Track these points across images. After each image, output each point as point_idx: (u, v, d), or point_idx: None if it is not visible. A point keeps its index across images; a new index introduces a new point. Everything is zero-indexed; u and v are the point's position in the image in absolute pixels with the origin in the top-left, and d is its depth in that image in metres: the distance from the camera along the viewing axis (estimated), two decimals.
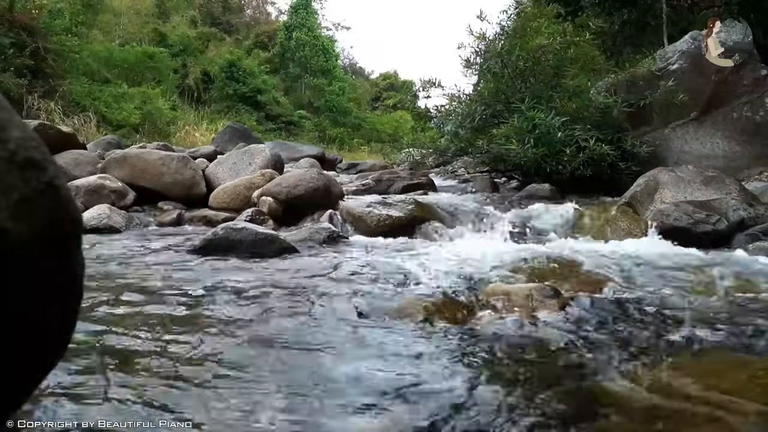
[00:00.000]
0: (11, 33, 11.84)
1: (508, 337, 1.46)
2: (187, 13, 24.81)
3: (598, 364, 1.27)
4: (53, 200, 0.63)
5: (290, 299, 1.79)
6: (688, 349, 1.41)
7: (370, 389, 1.09)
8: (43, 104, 11.67)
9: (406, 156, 7.80)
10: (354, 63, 34.14)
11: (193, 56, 21.52)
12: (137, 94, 15.25)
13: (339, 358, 1.27)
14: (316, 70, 24.74)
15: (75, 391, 1.02)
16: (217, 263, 2.47)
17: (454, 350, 1.34)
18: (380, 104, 30.07)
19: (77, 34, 14.60)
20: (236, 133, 10.76)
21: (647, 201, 3.59)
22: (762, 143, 5.29)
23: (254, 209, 3.95)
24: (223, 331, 1.45)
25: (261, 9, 30.64)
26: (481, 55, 6.72)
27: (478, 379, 1.17)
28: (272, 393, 1.06)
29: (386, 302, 1.72)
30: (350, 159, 12.72)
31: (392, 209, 3.77)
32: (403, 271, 2.28)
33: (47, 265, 0.63)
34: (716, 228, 3.21)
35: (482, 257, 2.56)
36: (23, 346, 0.64)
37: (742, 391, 1.09)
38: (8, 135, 0.60)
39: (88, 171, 4.89)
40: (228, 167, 5.21)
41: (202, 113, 18.49)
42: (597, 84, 5.91)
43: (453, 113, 6.89)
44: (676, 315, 1.71)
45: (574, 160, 5.04)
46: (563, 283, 1.98)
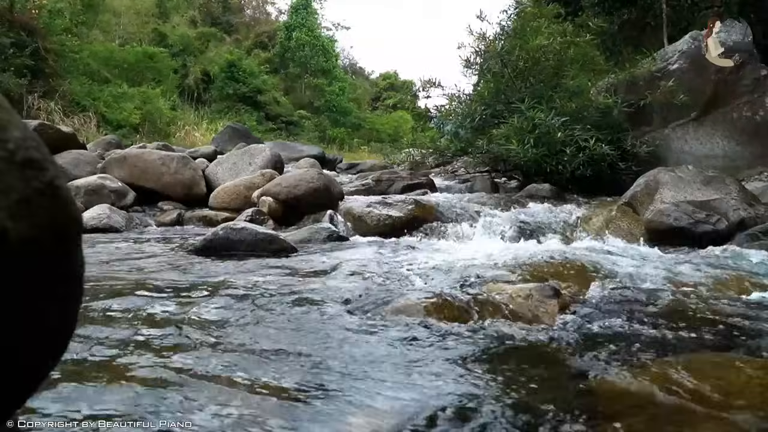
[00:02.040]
0: (11, 33, 11.85)
1: (508, 336, 1.46)
2: (187, 13, 24.80)
3: (598, 363, 1.27)
4: (53, 200, 0.63)
5: (290, 299, 1.79)
6: (688, 349, 1.41)
7: (368, 389, 1.09)
8: (43, 104, 11.68)
9: (406, 156, 7.80)
10: (354, 63, 34.13)
11: (193, 56, 21.53)
12: (137, 94, 15.25)
13: (339, 358, 1.27)
14: (316, 70, 24.74)
15: (75, 391, 1.02)
16: (217, 263, 2.47)
17: (453, 350, 1.34)
18: (380, 104, 30.06)
19: (77, 34, 14.61)
20: (236, 133, 10.77)
21: (647, 201, 3.59)
22: (762, 143, 5.29)
23: (254, 209, 3.95)
24: (223, 331, 1.45)
25: (261, 9, 30.64)
26: (481, 55, 6.72)
27: (478, 378, 1.17)
28: (272, 392, 1.06)
29: (386, 302, 1.72)
30: (350, 159, 12.72)
31: (392, 209, 3.77)
32: (403, 271, 2.29)
33: (47, 265, 0.63)
34: (716, 228, 3.21)
35: (482, 257, 2.56)
36: (23, 346, 0.64)
37: (741, 391, 1.09)
38: (8, 135, 0.60)
39: (88, 171, 4.90)
40: (228, 167, 5.22)
41: (202, 113, 18.50)
42: (597, 84, 5.91)
43: (453, 113, 6.90)
44: (675, 314, 1.71)
45: (574, 160, 5.04)
46: (563, 283, 1.98)
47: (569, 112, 5.33)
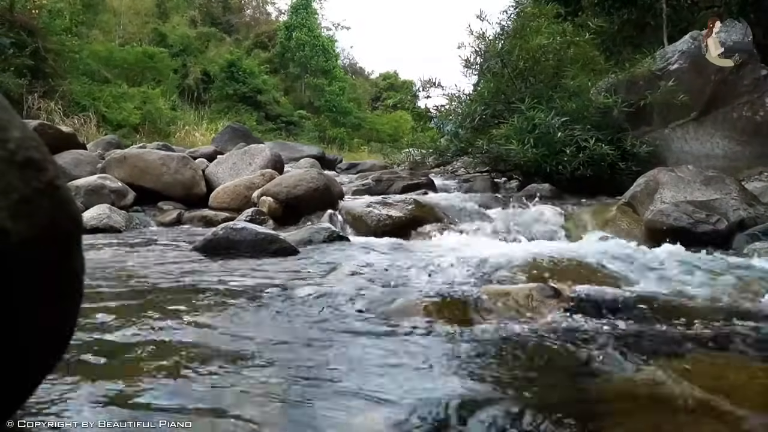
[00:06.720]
0: (11, 33, 11.83)
1: (509, 336, 1.46)
2: (187, 13, 24.80)
3: (598, 363, 1.27)
4: (53, 200, 0.63)
5: (290, 299, 1.79)
6: (688, 349, 1.41)
7: (369, 389, 1.09)
8: (43, 104, 11.66)
9: (406, 156, 7.79)
10: (354, 63, 34.13)
11: (193, 56, 21.51)
12: (137, 94, 15.24)
13: (339, 358, 1.27)
14: (316, 70, 24.73)
15: (74, 392, 1.02)
16: (217, 263, 2.47)
17: (454, 350, 1.34)
18: (380, 104, 30.04)
19: (77, 34, 14.59)
20: (236, 133, 10.75)
21: (647, 201, 3.59)
22: (762, 143, 5.29)
23: (254, 209, 3.95)
24: (223, 330, 1.45)
25: (261, 9, 30.63)
26: (481, 55, 6.72)
27: (478, 378, 1.17)
28: (272, 392, 1.06)
29: (386, 302, 1.72)
30: (350, 159, 12.71)
31: (392, 209, 3.77)
32: (403, 271, 2.29)
33: (47, 265, 0.63)
34: (716, 228, 3.21)
35: (482, 257, 2.56)
36: (23, 346, 0.64)
37: (742, 391, 1.09)
38: (8, 135, 0.60)
39: (88, 171, 4.90)
40: (228, 167, 5.22)
41: (202, 113, 18.47)
42: (597, 84, 5.90)
43: (453, 113, 6.90)
44: (675, 314, 1.71)
45: (574, 160, 5.04)
46: (563, 283, 1.98)
47: (569, 112, 5.33)
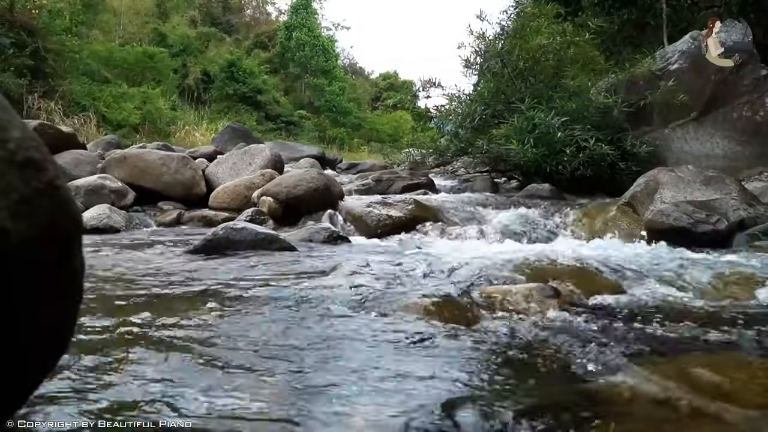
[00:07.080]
0: (11, 33, 11.83)
1: (508, 337, 1.46)
2: (187, 13, 24.80)
3: (598, 363, 1.27)
4: (53, 200, 0.63)
5: (290, 299, 1.79)
6: (687, 349, 1.41)
7: (369, 389, 1.09)
8: (43, 104, 11.67)
9: (406, 156, 7.80)
10: (354, 63, 34.14)
11: (193, 56, 21.51)
12: (137, 94, 15.24)
13: (339, 358, 1.27)
14: (316, 70, 24.73)
15: (73, 392, 1.02)
16: (217, 263, 2.47)
17: (454, 350, 1.34)
18: (380, 104, 30.04)
19: (77, 34, 14.60)
20: (236, 133, 10.75)
21: (647, 201, 3.60)
22: (762, 143, 5.29)
23: (254, 209, 3.95)
24: (223, 330, 1.45)
25: (261, 9, 30.63)
26: (481, 55, 6.73)
27: (478, 379, 1.17)
28: (272, 391, 1.06)
29: (386, 302, 1.72)
30: (350, 159, 12.71)
31: (392, 209, 3.77)
32: (403, 271, 2.29)
33: (47, 265, 0.63)
34: (716, 228, 3.21)
35: (482, 257, 2.56)
36: (23, 347, 0.64)
37: (742, 391, 1.09)
38: (8, 135, 0.60)
39: (88, 171, 4.90)
40: (228, 167, 5.22)
41: (202, 113, 18.47)
42: (597, 84, 5.91)
43: (453, 113, 6.91)
44: (675, 314, 1.71)
45: (574, 160, 5.05)
46: (563, 283, 1.98)
47: (569, 112, 5.33)
